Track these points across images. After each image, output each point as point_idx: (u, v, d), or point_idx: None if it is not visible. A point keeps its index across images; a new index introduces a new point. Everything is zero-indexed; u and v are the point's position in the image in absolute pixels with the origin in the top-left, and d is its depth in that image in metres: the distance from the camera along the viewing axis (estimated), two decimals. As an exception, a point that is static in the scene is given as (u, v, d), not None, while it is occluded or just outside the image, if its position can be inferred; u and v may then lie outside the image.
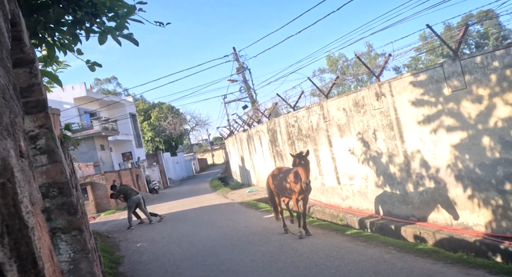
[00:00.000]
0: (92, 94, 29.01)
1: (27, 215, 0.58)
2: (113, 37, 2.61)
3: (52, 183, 2.01)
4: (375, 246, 6.43)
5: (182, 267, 6.78)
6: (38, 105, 1.89)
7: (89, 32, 2.63)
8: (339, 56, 47.52)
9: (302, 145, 12.24)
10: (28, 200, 0.60)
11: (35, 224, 0.62)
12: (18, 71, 1.76)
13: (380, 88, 8.22)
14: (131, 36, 2.70)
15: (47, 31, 2.48)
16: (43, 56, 2.72)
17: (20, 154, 0.63)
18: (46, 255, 0.64)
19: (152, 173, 29.25)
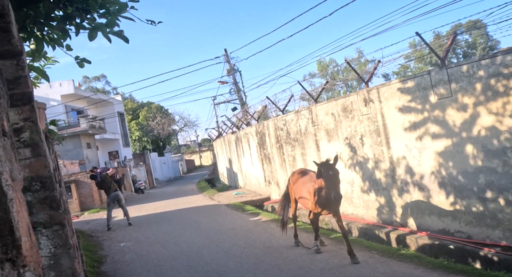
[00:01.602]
0: (80, 91, 28.68)
1: (6, 186, 0.59)
2: (104, 33, 2.60)
3: (35, 177, 1.99)
4: (359, 250, 6.49)
5: (166, 267, 6.73)
6: (24, 98, 1.88)
7: (79, 28, 2.61)
8: (330, 61, 47.89)
9: (290, 149, 12.28)
10: (8, 175, 0.61)
11: (14, 198, 0.62)
12: (5, 63, 1.75)
13: (369, 94, 8.31)
14: (121, 34, 2.69)
15: (36, 25, 2.46)
16: (31, 51, 2.69)
17: (3, 133, 0.64)
18: (24, 229, 0.65)
19: (138, 173, 29.00)
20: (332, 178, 5.92)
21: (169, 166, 42.01)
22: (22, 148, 1.96)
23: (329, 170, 5.94)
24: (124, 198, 12.42)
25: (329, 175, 5.92)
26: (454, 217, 6.73)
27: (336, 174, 6.00)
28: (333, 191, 5.82)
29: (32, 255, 0.69)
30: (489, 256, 5.86)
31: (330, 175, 5.93)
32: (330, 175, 5.92)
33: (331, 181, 5.90)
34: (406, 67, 40.58)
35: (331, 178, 5.91)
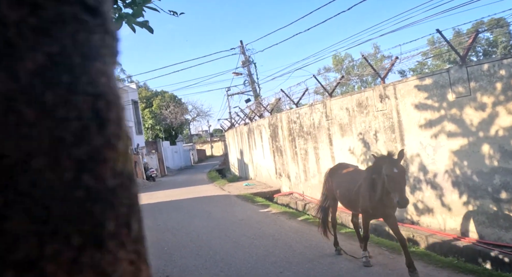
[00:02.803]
0: (96, 78, 28.94)
1: None
2: (129, 23, 2.63)
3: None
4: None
5: (175, 255, 6.85)
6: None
7: None
8: (345, 56, 47.35)
9: (302, 142, 12.27)
10: None
11: None
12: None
13: (385, 90, 8.23)
14: (146, 24, 2.71)
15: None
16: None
17: None
18: None
19: (150, 160, 29.30)
20: (398, 178, 4.75)
21: (180, 155, 42.32)
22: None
23: (393, 167, 4.79)
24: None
25: (393, 174, 4.75)
26: (467, 216, 6.68)
27: (402, 172, 4.88)
28: (397, 194, 4.68)
29: None
30: (500, 257, 5.82)
31: (395, 174, 4.76)
32: (394, 174, 4.75)
33: (395, 182, 4.74)
34: (424, 64, 39.93)
35: (395, 178, 4.74)
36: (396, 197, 4.68)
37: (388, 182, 4.81)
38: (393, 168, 4.78)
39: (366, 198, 5.26)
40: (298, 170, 12.88)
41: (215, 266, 6.03)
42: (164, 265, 6.32)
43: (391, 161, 4.90)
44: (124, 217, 0.36)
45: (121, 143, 0.38)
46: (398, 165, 4.87)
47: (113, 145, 0.36)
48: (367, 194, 5.24)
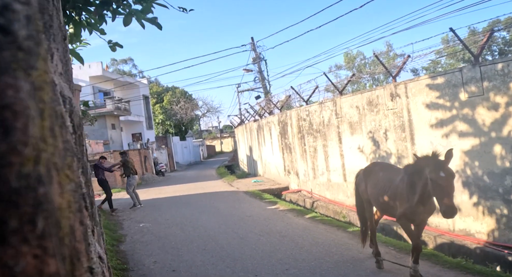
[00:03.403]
0: (108, 73, 29.20)
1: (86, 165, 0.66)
2: (138, 20, 2.64)
3: (68, 156, 2.07)
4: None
5: (182, 250, 6.89)
6: (63, 80, 1.96)
7: (116, 13, 2.66)
8: (357, 54, 46.94)
9: (311, 140, 12.24)
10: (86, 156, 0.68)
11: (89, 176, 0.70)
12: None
13: (396, 88, 8.16)
14: (155, 20, 2.73)
15: (75, 10, 2.53)
16: (69, 34, 2.77)
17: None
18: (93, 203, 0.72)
19: (160, 155, 29.50)
20: (445, 183, 4.05)
21: (190, 151, 42.53)
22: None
23: (440, 170, 4.10)
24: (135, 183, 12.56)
25: (440, 179, 4.06)
26: (476, 217, 6.60)
27: (450, 177, 4.13)
28: (444, 202, 4.00)
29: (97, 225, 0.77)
30: (510, 259, 5.74)
31: (441, 178, 4.06)
32: (441, 179, 4.06)
33: (442, 187, 4.05)
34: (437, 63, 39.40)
35: (442, 183, 4.05)
36: (443, 206, 4.00)
37: (433, 187, 4.12)
38: (439, 172, 4.08)
39: (404, 199, 4.61)
40: (306, 167, 12.85)
41: (222, 261, 6.06)
42: (171, 259, 6.37)
43: (437, 163, 4.16)
44: (29, 215, 0.38)
45: (28, 149, 0.39)
46: (445, 168, 4.13)
47: (19, 150, 0.38)
48: (404, 196, 4.59)
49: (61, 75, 0.53)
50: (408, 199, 4.57)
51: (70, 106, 0.55)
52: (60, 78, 0.52)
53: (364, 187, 5.56)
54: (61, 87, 0.50)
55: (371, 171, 5.53)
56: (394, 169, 5.44)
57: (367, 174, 5.55)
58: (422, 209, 4.54)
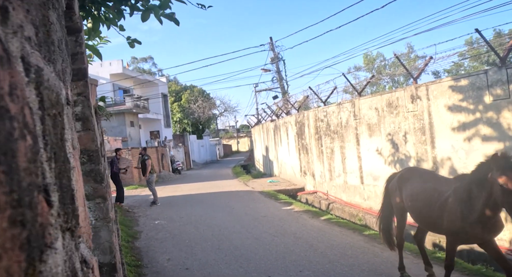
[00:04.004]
0: (128, 71, 29.63)
1: (69, 153, 0.60)
2: (156, 15, 2.64)
3: (83, 150, 2.07)
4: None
5: (196, 248, 6.90)
6: (79, 73, 1.94)
7: (134, 9, 2.67)
8: (377, 55, 46.36)
9: (329, 141, 12.11)
10: (70, 143, 0.63)
11: (75, 167, 0.64)
12: (64, 38, 1.81)
13: (417, 90, 7.98)
14: (173, 16, 2.71)
15: (94, 5, 2.54)
16: (87, 29, 2.78)
17: (67, 102, 0.66)
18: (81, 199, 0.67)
19: (177, 153, 29.75)
20: None
21: (206, 149, 42.78)
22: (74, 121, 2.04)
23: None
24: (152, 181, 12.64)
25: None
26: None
27: None
28: None
29: (85, 226, 0.71)
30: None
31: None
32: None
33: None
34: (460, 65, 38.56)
35: None
36: None
37: (506, 196, 3.32)
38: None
39: (457, 216, 3.89)
40: (323, 169, 12.73)
41: (235, 261, 6.03)
42: (184, 257, 6.38)
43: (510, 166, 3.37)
44: None
45: None
46: None
47: None
48: (458, 210, 3.88)
49: (28, 40, 0.49)
50: (462, 216, 3.83)
51: (37, 77, 0.50)
52: (26, 43, 0.48)
53: (399, 196, 4.91)
54: (24, 52, 0.47)
55: (408, 179, 4.84)
56: (439, 178, 4.73)
57: (403, 181, 4.90)
58: (481, 230, 3.75)
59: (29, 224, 0.42)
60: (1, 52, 0.42)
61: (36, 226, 0.43)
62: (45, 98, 0.51)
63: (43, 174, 0.47)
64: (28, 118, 0.45)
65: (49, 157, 0.50)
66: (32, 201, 0.43)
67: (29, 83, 0.48)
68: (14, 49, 0.44)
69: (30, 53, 0.49)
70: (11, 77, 0.42)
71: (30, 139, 0.45)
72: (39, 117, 0.49)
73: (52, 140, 0.52)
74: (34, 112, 0.47)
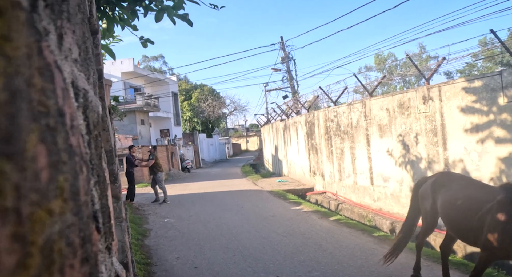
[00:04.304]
0: (139, 70, 29.83)
1: (104, 170, 0.59)
2: (169, 16, 2.66)
3: (99, 150, 2.08)
4: (403, 251, 6.27)
5: (205, 247, 6.92)
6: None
7: (148, 9, 2.69)
8: (388, 55, 46.00)
9: (339, 141, 12.05)
10: (104, 158, 0.61)
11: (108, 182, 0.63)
12: (82, 40, 1.83)
13: (429, 91, 7.90)
14: (186, 17, 2.73)
15: (109, 6, 2.57)
16: (102, 29, 2.82)
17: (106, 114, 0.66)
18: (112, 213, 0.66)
19: (186, 152, 29.88)
20: None
21: (216, 148, 42.89)
22: (89, 121, 2.06)
23: None
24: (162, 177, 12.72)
25: None
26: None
27: None
28: None
29: (114, 240, 0.69)
30: (546, 275, 5.44)
31: None
32: None
33: None
34: (473, 66, 38.03)
35: None
36: None
37: None
38: None
39: (500, 232, 3.53)
40: (332, 169, 12.68)
41: (243, 260, 6.04)
42: (193, 256, 6.41)
43: None
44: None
45: None
46: None
47: None
48: (501, 225, 3.54)
49: (75, 62, 0.46)
50: (506, 232, 3.49)
51: (84, 101, 0.47)
52: (73, 65, 0.44)
53: (431, 202, 4.58)
54: (74, 76, 0.43)
55: (443, 184, 4.48)
56: (480, 185, 4.30)
57: (438, 186, 4.54)
58: None
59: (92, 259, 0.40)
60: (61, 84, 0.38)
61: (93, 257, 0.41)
62: (90, 121, 0.49)
63: (93, 201, 0.45)
64: (82, 148, 0.42)
65: (96, 181, 0.48)
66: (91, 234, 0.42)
67: (78, 108, 0.45)
68: (66, 75, 0.40)
69: (78, 76, 0.46)
70: (69, 108, 0.39)
71: (85, 170, 0.42)
72: (87, 142, 0.46)
73: (96, 163, 0.50)
74: (85, 139, 0.45)
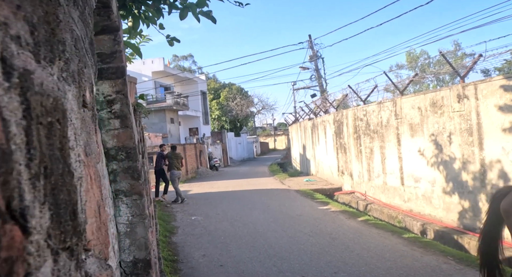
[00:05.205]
0: (169, 69, 30.34)
1: (76, 163, 0.54)
2: (193, 13, 2.67)
3: (121, 147, 2.11)
4: (433, 254, 6.07)
5: (231, 245, 6.95)
6: (118, 72, 1.98)
7: (172, 7, 2.71)
8: (421, 53, 44.68)
9: (368, 141, 11.81)
10: (82, 150, 0.58)
11: (86, 176, 0.60)
12: (103, 38, 1.85)
13: (464, 89, 7.59)
14: (210, 14, 2.73)
15: (135, 4, 2.61)
16: (128, 28, 2.86)
17: (83, 104, 0.63)
18: (92, 209, 0.60)
19: (214, 150, 30.15)
20: None
21: (244, 147, 43.06)
22: (112, 119, 2.09)
23: None
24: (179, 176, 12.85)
25: None
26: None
27: None
28: None
29: (99, 237, 0.65)
30: None
31: None
32: None
33: None
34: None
35: None
36: None
37: None
38: None
39: None
40: (361, 169, 12.44)
41: (269, 260, 6.02)
42: (219, 254, 6.45)
43: None
44: None
45: None
46: None
47: None
48: None
49: (16, 40, 0.43)
50: None
51: (22, 81, 0.43)
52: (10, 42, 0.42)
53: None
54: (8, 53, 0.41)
55: None
56: None
57: None
58: None
59: (10, 261, 0.37)
60: None
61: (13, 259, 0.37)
62: (33, 105, 0.45)
63: (21, 196, 0.41)
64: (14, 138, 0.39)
65: (34, 173, 0.44)
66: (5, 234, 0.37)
67: (10, 89, 0.42)
68: None
69: (16, 54, 0.44)
70: None
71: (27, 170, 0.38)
72: (22, 127, 0.43)
73: (43, 153, 0.46)
74: (13, 122, 0.41)
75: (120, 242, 2.13)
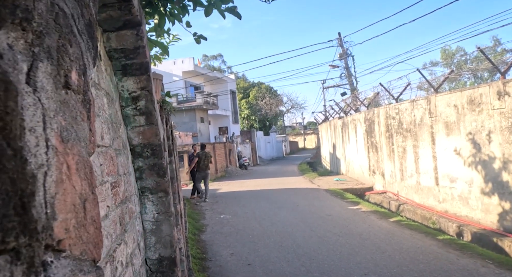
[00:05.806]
0: (199, 69, 30.72)
1: (36, 148, 0.47)
2: (218, 9, 2.65)
3: (147, 144, 2.12)
4: (470, 256, 5.80)
5: (259, 244, 6.92)
6: (141, 68, 1.98)
7: (197, 4, 2.70)
8: (457, 50, 43.04)
9: (400, 139, 11.48)
10: (55, 134, 0.53)
11: (58, 164, 0.51)
12: (126, 33, 1.85)
13: (505, 86, 7.22)
14: (234, 9, 2.70)
15: (160, 1, 2.61)
16: (154, 26, 2.88)
17: (65, 85, 0.59)
18: (67, 203, 0.53)
19: (244, 149, 30.26)
20: None
21: (273, 146, 42.98)
22: (137, 115, 2.09)
23: None
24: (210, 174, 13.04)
25: None
26: None
27: None
28: None
29: (80, 236, 0.56)
30: None
31: None
32: None
33: None
34: (556, 57, 34.32)
35: None
36: None
37: None
38: None
39: None
40: (393, 168, 12.10)
41: (297, 259, 5.95)
42: (247, 253, 6.44)
43: None
44: None
45: None
46: None
47: None
48: None
49: None
50: None
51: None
52: None
53: None
54: None
55: None
56: None
57: None
58: None
59: None
60: None
61: None
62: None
63: None
64: None
65: None
66: None
67: None
68: None
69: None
70: None
71: None
72: None
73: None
74: None
75: (146, 239, 2.13)
